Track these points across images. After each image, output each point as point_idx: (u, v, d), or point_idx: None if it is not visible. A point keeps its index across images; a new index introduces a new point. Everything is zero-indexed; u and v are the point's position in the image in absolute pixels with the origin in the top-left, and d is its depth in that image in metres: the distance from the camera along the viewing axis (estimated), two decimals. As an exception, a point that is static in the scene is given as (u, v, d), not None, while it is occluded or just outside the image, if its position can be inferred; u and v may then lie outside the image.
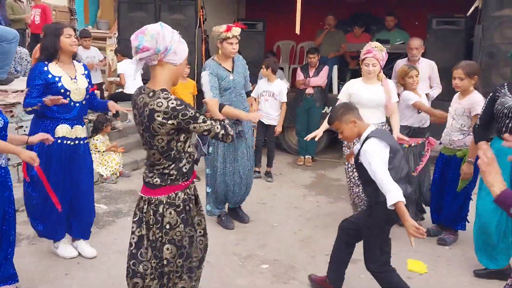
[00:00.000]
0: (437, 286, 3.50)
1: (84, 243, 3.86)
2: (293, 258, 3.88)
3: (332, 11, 8.05)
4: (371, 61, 4.05)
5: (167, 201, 2.37)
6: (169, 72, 2.31)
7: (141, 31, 2.25)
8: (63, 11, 10.25)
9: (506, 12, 5.59)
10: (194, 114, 2.26)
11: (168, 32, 2.27)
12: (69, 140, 3.54)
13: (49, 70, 3.44)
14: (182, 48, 2.32)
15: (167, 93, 2.25)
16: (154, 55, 2.24)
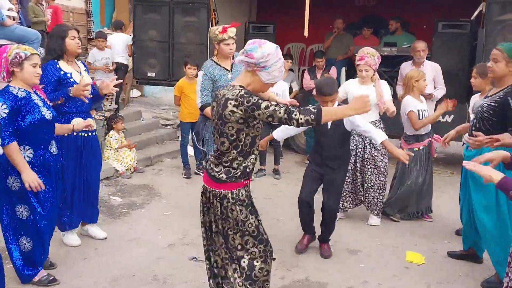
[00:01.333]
0: (433, 276, 3.67)
1: (95, 226, 4.15)
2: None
3: (341, 15, 8.24)
4: (364, 67, 4.48)
5: (232, 196, 2.56)
6: (255, 81, 2.52)
7: (260, 42, 2.48)
8: (80, 13, 10.55)
9: (508, 17, 5.73)
10: (257, 100, 2.38)
11: (276, 57, 2.45)
12: (82, 132, 3.82)
13: (61, 67, 3.72)
14: (276, 74, 2.49)
15: (243, 88, 2.48)
16: (252, 65, 2.46)
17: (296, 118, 2.35)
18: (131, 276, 3.49)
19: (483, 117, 3.41)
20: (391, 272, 3.71)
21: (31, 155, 3.13)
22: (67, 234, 3.99)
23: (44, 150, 3.21)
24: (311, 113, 2.35)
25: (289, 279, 3.55)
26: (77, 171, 3.85)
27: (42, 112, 3.12)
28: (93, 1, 10.99)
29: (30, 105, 3.09)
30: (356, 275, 3.66)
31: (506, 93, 3.32)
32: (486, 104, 3.41)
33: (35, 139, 3.14)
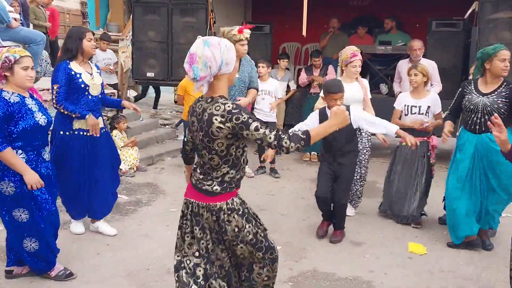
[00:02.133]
0: (435, 265, 3.82)
1: (105, 223, 4.27)
2: (302, 241, 4.22)
3: (336, 14, 8.39)
4: (358, 63, 4.64)
5: (227, 207, 2.40)
6: (225, 80, 2.36)
7: (192, 59, 2.26)
8: (76, 15, 10.60)
9: (500, 15, 5.93)
10: (247, 119, 2.22)
11: (216, 50, 2.27)
12: (85, 132, 3.91)
13: (71, 67, 3.84)
14: (231, 56, 2.33)
15: (225, 99, 2.30)
16: (211, 77, 2.30)
17: (286, 146, 2.22)
18: (145, 270, 3.59)
19: (491, 113, 3.68)
20: (395, 262, 3.86)
21: (23, 160, 3.07)
22: (74, 222, 4.20)
23: (36, 156, 3.17)
24: (301, 139, 2.24)
25: (297, 270, 3.68)
26: (84, 168, 3.96)
27: (36, 117, 3.07)
28: (88, 3, 11.04)
29: (23, 111, 3.03)
30: (361, 265, 3.80)
31: (510, 89, 3.78)
32: (500, 100, 3.79)
33: (27, 145, 3.09)
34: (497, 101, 3.80)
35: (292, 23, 8.17)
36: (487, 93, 3.86)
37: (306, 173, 6.52)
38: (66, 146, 3.88)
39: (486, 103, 3.83)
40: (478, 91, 3.91)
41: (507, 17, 5.91)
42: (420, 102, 4.61)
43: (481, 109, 3.84)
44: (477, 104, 3.85)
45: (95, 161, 4.01)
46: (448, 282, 3.55)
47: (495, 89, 3.84)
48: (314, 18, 7.38)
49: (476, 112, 3.87)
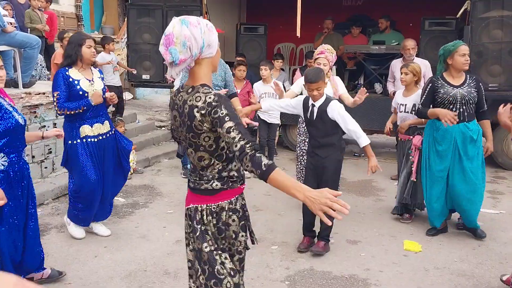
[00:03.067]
0: (430, 262, 3.86)
1: (99, 224, 4.30)
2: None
3: (330, 15, 8.44)
4: (323, 61, 4.60)
5: (229, 207, 2.14)
6: (207, 66, 2.07)
7: (169, 40, 1.96)
8: (71, 18, 10.62)
9: (492, 14, 5.99)
10: (224, 116, 1.93)
11: (195, 28, 1.97)
12: (92, 138, 3.93)
13: (70, 74, 3.85)
14: (214, 37, 2.04)
15: (207, 88, 2.03)
16: (191, 60, 2.01)
17: (245, 164, 1.89)
18: (143, 271, 3.62)
19: (469, 102, 4.08)
20: (391, 260, 3.90)
21: (5, 163, 2.95)
22: (73, 226, 4.17)
23: (18, 158, 3.04)
24: (259, 169, 1.85)
25: (294, 269, 3.71)
26: (96, 174, 3.97)
27: (15, 117, 2.97)
28: (83, 6, 11.05)
29: (2, 110, 2.92)
30: (358, 263, 3.83)
31: (475, 80, 4.14)
32: (472, 90, 4.10)
33: (9, 146, 2.97)
34: (471, 91, 4.09)
35: (287, 24, 8.23)
36: (458, 85, 4.12)
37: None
38: (76, 155, 3.89)
39: (463, 93, 4.09)
40: (450, 84, 4.13)
41: (498, 15, 5.98)
42: (407, 100, 4.71)
43: (459, 100, 4.08)
44: (455, 95, 4.08)
45: (103, 166, 4.04)
46: (443, 279, 3.59)
47: (464, 81, 4.13)
48: (308, 19, 7.44)
49: (455, 103, 4.10)
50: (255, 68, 7.61)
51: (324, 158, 3.96)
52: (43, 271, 3.39)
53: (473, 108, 4.13)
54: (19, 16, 7.09)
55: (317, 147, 4.00)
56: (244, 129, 1.95)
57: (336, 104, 3.90)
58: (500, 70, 6.08)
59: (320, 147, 3.98)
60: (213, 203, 2.12)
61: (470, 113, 4.13)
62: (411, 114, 4.63)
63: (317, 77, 3.84)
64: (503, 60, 6.02)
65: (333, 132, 3.95)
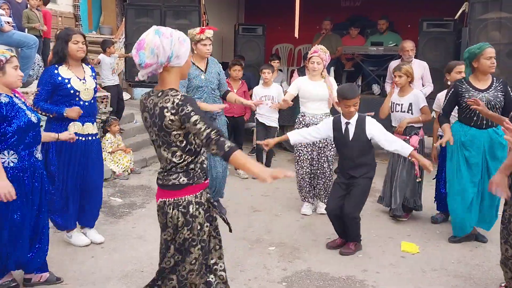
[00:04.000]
0: (427, 264, 3.86)
1: (93, 231, 4.18)
2: (296, 241, 4.25)
3: (328, 16, 8.44)
4: (316, 60, 4.68)
5: (196, 201, 2.35)
6: (176, 74, 2.32)
7: (140, 45, 2.22)
8: (68, 17, 10.59)
9: (490, 15, 6.01)
10: (190, 112, 2.20)
11: (166, 40, 2.22)
12: (81, 136, 3.86)
13: (59, 72, 3.76)
14: (184, 50, 2.28)
15: (175, 91, 2.26)
16: (159, 66, 2.25)
17: (211, 149, 2.19)
18: (140, 272, 3.61)
19: (495, 107, 3.92)
20: (388, 261, 3.90)
21: (15, 160, 3.03)
22: (74, 235, 4.07)
23: (29, 155, 3.11)
24: (223, 150, 2.16)
25: (291, 271, 3.70)
26: (76, 175, 3.89)
27: (28, 115, 3.04)
28: (81, 5, 11.03)
29: (15, 110, 3.00)
30: (355, 264, 3.83)
31: (502, 83, 4.00)
32: (499, 94, 3.96)
33: (21, 143, 3.05)
34: (497, 95, 3.95)
35: (285, 24, 8.21)
36: (484, 89, 3.98)
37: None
38: (60, 152, 3.84)
39: (489, 98, 3.95)
40: (475, 88, 4.00)
41: (496, 17, 5.99)
42: (403, 100, 4.70)
43: (485, 105, 3.87)
44: (481, 100, 3.87)
45: (88, 167, 3.95)
46: (440, 280, 3.59)
47: (490, 84, 3.99)
48: (306, 19, 7.44)
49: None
50: (253, 69, 7.62)
51: (358, 178, 3.90)
52: (43, 273, 3.36)
53: (498, 112, 3.94)
54: (16, 15, 7.07)
55: (352, 168, 3.91)
56: (209, 121, 2.24)
57: (371, 119, 3.89)
58: (498, 72, 6.05)
59: (356, 167, 3.90)
60: (180, 197, 2.33)
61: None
62: (408, 113, 4.64)
63: (354, 93, 3.81)
64: (501, 62, 6.00)
65: (369, 151, 3.92)
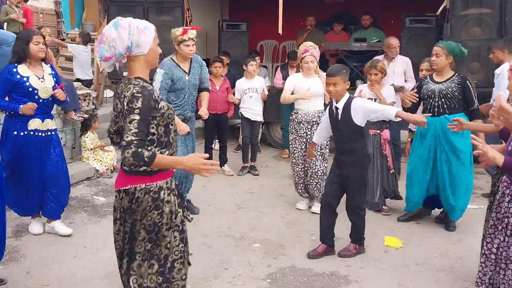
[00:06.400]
0: (410, 258, 3.91)
1: (59, 223, 4.26)
2: (281, 238, 4.26)
3: (312, 12, 8.44)
4: (310, 59, 4.72)
5: (167, 187, 2.37)
6: (140, 62, 2.36)
7: (100, 39, 2.31)
8: (50, 14, 10.42)
9: (471, 11, 6.08)
10: (134, 109, 2.20)
11: (123, 30, 2.27)
12: (41, 132, 4.02)
13: (18, 71, 3.88)
14: (144, 38, 2.32)
15: (139, 80, 2.31)
16: (119, 58, 2.32)
17: (125, 156, 2.16)
18: (123, 271, 3.58)
19: (447, 96, 4.27)
20: (371, 256, 3.92)
21: None
22: (32, 223, 4.25)
23: None
24: (142, 160, 2.16)
25: (275, 267, 3.71)
26: (35, 167, 4.02)
27: None
28: (63, 2, 10.88)
29: None
30: (339, 260, 3.85)
31: (461, 78, 4.29)
32: (453, 85, 4.28)
33: None
34: (451, 86, 4.30)
35: (269, 20, 8.20)
36: (441, 81, 4.37)
37: (285, 170, 6.55)
38: (21, 146, 3.96)
39: (441, 88, 4.33)
40: (434, 81, 4.42)
41: (477, 13, 6.06)
42: (375, 95, 4.87)
43: (437, 94, 4.33)
44: (434, 90, 4.35)
45: (48, 160, 4.07)
46: (423, 274, 3.63)
47: (448, 78, 4.36)
48: (290, 16, 7.44)
49: (433, 97, 4.35)
50: (237, 65, 7.58)
51: (349, 165, 3.79)
52: None
53: (456, 102, 4.29)
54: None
55: (342, 153, 3.85)
56: (144, 128, 2.22)
57: (358, 99, 3.84)
58: (478, 67, 6.16)
59: (345, 153, 3.82)
60: (151, 183, 2.33)
61: (451, 107, 4.29)
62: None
63: (335, 72, 3.74)
64: (481, 57, 6.09)
65: (357, 136, 3.79)
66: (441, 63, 4.30)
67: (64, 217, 4.47)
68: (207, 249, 3.99)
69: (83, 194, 5.40)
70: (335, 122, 3.87)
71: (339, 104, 3.80)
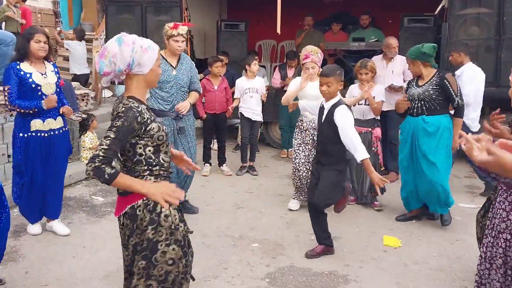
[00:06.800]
0: (409, 257, 3.91)
1: (57, 222, 4.27)
2: (280, 238, 4.26)
3: (311, 12, 8.44)
4: (310, 65, 4.68)
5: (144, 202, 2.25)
6: (138, 81, 2.31)
7: (102, 53, 2.26)
8: (48, 14, 10.40)
9: (469, 11, 6.07)
10: (114, 126, 2.17)
11: (127, 47, 2.22)
12: (43, 133, 3.97)
13: (21, 68, 3.87)
14: (146, 58, 2.27)
15: (130, 100, 2.26)
16: (118, 74, 2.28)
17: (88, 168, 2.12)
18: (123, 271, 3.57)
19: (425, 100, 4.38)
20: (370, 256, 3.93)
21: None
22: (30, 225, 4.21)
23: None
24: (102, 176, 2.11)
25: (274, 267, 3.71)
26: (40, 169, 4.00)
27: None
28: (61, 2, 10.86)
29: None
30: (337, 259, 3.85)
31: (439, 78, 4.36)
32: (430, 88, 4.38)
33: None
34: (427, 89, 4.40)
35: (268, 20, 8.20)
36: (421, 84, 4.48)
37: (284, 170, 6.56)
38: (25, 148, 3.95)
39: (419, 91, 4.45)
40: (417, 84, 4.54)
41: (475, 12, 6.06)
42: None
43: (416, 97, 4.46)
44: (413, 94, 4.49)
45: (51, 161, 4.05)
46: (422, 274, 3.63)
47: (428, 80, 4.45)
48: (288, 15, 7.43)
49: (414, 100, 4.49)
50: (235, 65, 7.58)
51: (324, 167, 3.79)
52: None
53: (436, 104, 4.39)
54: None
55: (321, 153, 3.86)
56: (116, 147, 2.16)
57: (343, 109, 3.70)
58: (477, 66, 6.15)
59: (323, 153, 3.82)
60: (132, 202, 2.25)
61: (430, 108, 4.41)
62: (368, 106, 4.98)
63: (330, 72, 3.75)
64: (480, 57, 6.09)
65: (337, 141, 3.69)
66: (414, 71, 4.51)
67: (62, 217, 4.47)
68: (206, 249, 3.99)
69: (81, 194, 5.39)
70: (319, 120, 3.94)
71: (327, 104, 3.82)
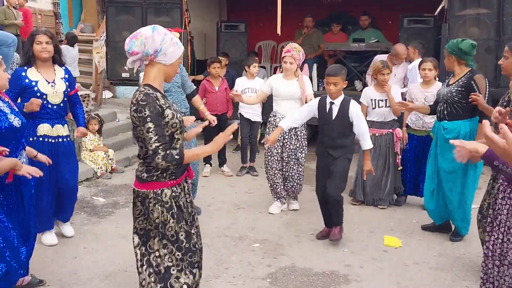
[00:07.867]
0: (409, 257, 3.91)
1: (65, 224, 4.21)
2: (280, 238, 4.27)
3: (310, 12, 8.45)
4: (289, 60, 4.64)
5: (153, 196, 2.39)
6: (159, 71, 2.38)
7: (134, 35, 2.34)
8: (48, 15, 10.40)
9: (468, 12, 6.10)
10: (146, 117, 2.25)
11: (158, 35, 2.32)
12: (50, 138, 3.84)
13: (27, 75, 3.72)
14: (173, 50, 2.37)
15: (147, 87, 2.33)
16: (144, 57, 2.34)
17: (157, 161, 2.27)
18: (123, 271, 3.58)
19: (447, 102, 3.99)
20: (371, 255, 3.93)
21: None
22: (44, 234, 4.04)
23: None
24: (173, 159, 2.28)
25: (275, 267, 3.72)
26: (47, 178, 3.80)
27: (10, 119, 2.92)
28: (61, 3, 10.86)
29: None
30: (338, 259, 3.86)
31: (468, 78, 3.92)
32: (454, 89, 3.96)
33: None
34: (451, 90, 3.98)
35: (267, 21, 8.23)
36: (451, 83, 4.06)
37: (284, 171, 6.56)
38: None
39: (444, 92, 4.05)
40: (448, 83, 4.12)
41: (475, 13, 6.07)
42: (385, 96, 4.87)
43: (442, 98, 4.08)
44: (439, 94, 4.14)
45: (58, 168, 3.90)
46: (422, 274, 3.64)
47: (458, 79, 4.01)
48: (288, 16, 7.44)
49: (440, 101, 4.11)
50: (235, 65, 7.59)
51: (336, 159, 4.01)
52: (25, 277, 3.26)
53: (459, 108, 3.94)
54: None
55: (332, 147, 4.03)
56: (161, 131, 2.28)
57: (355, 103, 4.02)
58: (477, 67, 6.14)
59: (336, 147, 4.02)
60: (140, 189, 2.41)
61: (451, 112, 3.98)
62: (388, 107, 4.87)
63: (335, 72, 3.93)
64: (480, 58, 6.08)
65: (349, 134, 4.03)
66: (448, 66, 4.05)
67: (63, 218, 4.47)
68: (207, 249, 3.99)
69: (82, 195, 5.39)
70: (329, 117, 3.99)
71: (336, 101, 3.99)
